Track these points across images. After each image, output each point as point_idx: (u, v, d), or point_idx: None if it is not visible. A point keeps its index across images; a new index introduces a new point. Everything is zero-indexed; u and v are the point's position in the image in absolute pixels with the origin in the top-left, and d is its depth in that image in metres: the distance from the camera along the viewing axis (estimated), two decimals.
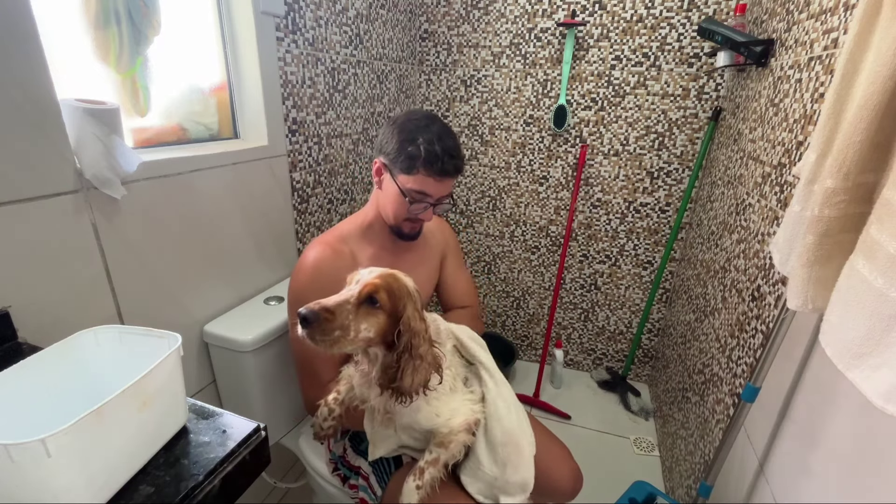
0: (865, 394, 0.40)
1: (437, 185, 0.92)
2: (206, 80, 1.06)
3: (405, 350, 0.70)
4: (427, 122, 0.92)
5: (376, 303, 0.69)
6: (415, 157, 0.89)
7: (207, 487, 0.47)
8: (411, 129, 0.91)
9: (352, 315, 0.68)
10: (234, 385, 1.06)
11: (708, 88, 1.61)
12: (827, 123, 0.50)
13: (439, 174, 0.90)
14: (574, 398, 1.98)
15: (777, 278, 0.88)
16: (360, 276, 0.72)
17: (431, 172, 0.90)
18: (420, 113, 0.95)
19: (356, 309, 0.68)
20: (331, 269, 0.92)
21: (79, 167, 0.72)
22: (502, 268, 2.12)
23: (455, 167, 0.92)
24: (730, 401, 1.04)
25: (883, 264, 0.39)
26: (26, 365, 0.50)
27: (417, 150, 0.89)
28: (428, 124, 0.91)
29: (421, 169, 0.90)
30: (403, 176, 0.92)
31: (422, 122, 0.92)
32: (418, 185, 0.91)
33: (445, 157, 0.89)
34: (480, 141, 1.94)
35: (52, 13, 0.73)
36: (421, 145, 0.89)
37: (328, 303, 0.66)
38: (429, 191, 0.92)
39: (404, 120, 0.93)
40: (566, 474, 0.98)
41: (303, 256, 0.94)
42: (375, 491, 0.92)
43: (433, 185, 0.92)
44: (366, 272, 0.72)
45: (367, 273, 0.72)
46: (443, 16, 1.83)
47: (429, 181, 0.91)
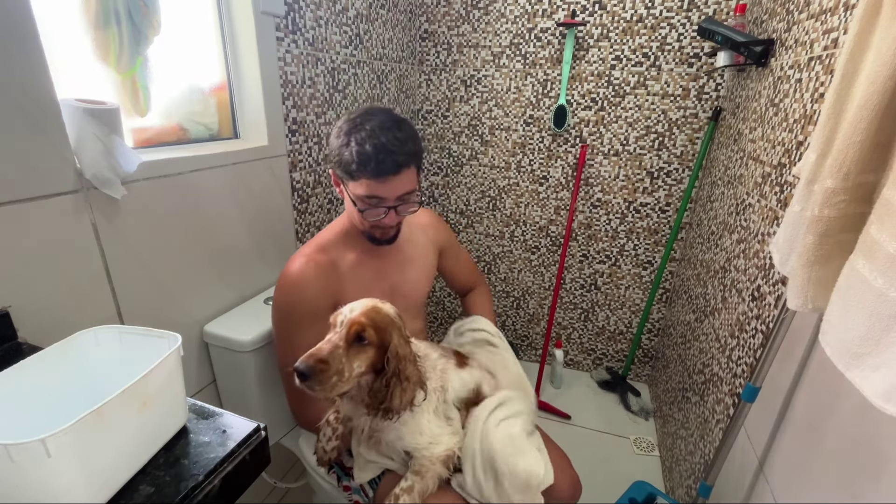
0: (865, 394, 0.40)
1: (382, 187, 0.83)
2: (206, 80, 1.07)
3: (394, 374, 0.73)
4: (364, 119, 0.83)
5: (364, 340, 0.71)
6: (349, 161, 0.82)
7: (207, 487, 0.47)
8: (347, 131, 0.83)
9: (344, 358, 0.69)
10: (234, 385, 1.06)
11: (708, 88, 1.61)
12: (827, 123, 0.50)
13: (377, 175, 0.82)
14: (574, 398, 1.98)
15: (777, 278, 0.88)
16: (344, 316, 0.72)
17: (369, 175, 0.82)
18: (361, 110, 0.87)
19: (347, 351, 0.70)
20: (312, 281, 0.90)
21: (79, 167, 0.73)
22: (502, 268, 2.12)
23: (395, 163, 0.82)
24: (730, 401, 1.04)
25: (883, 264, 0.39)
26: (26, 365, 0.50)
27: (351, 154, 0.81)
28: (364, 121, 0.83)
29: (358, 173, 0.82)
30: (352, 183, 0.85)
31: (358, 119, 0.84)
32: (366, 190, 0.84)
33: (380, 156, 0.80)
34: (480, 141, 1.94)
35: (52, 13, 0.73)
36: (353, 148, 0.81)
37: (321, 353, 0.68)
38: (379, 194, 0.84)
39: (343, 122, 0.86)
40: (565, 483, 0.95)
41: (284, 272, 0.91)
42: (367, 492, 0.92)
43: (379, 188, 0.83)
44: (347, 310, 0.73)
45: (349, 311, 0.72)
46: (443, 16, 1.83)
47: (372, 184, 0.83)
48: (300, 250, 0.95)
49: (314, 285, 0.90)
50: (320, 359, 0.67)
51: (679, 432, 1.44)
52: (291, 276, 0.90)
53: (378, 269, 1.01)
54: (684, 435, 1.37)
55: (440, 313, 2.34)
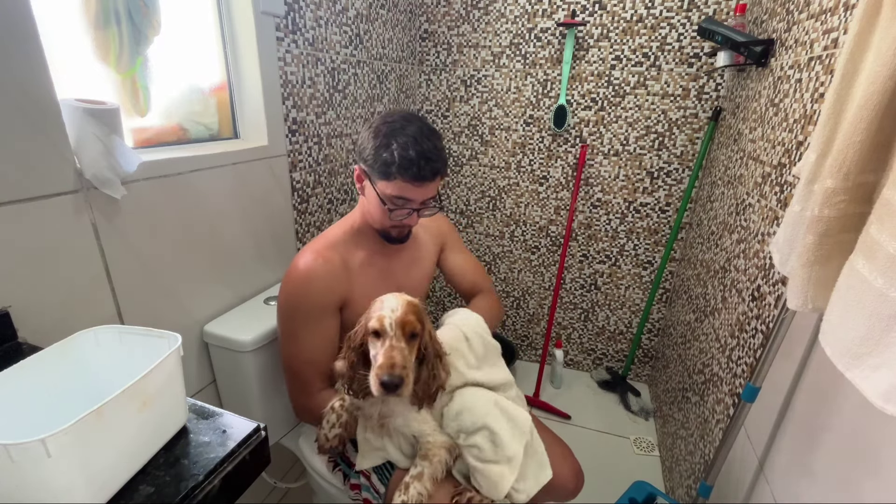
0: (865, 394, 0.40)
1: (416, 191, 0.88)
2: (206, 80, 1.06)
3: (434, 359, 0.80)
4: (403, 124, 0.87)
5: (416, 336, 0.77)
6: (390, 162, 0.85)
7: (207, 487, 0.47)
8: (386, 133, 0.86)
9: (410, 357, 0.75)
10: (234, 385, 1.06)
11: (708, 88, 1.61)
12: (827, 123, 0.50)
13: (416, 179, 0.86)
14: (574, 398, 1.98)
15: (777, 278, 0.88)
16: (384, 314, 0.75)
17: (408, 178, 0.85)
18: (397, 114, 0.90)
19: (411, 351, 0.76)
20: (321, 278, 0.90)
21: (79, 167, 0.72)
22: (502, 268, 2.12)
23: (433, 171, 0.87)
24: (730, 401, 1.04)
25: (883, 264, 0.39)
26: (26, 365, 0.50)
27: (392, 155, 0.84)
28: (404, 126, 0.87)
29: (398, 175, 0.85)
30: (382, 182, 0.88)
31: (397, 123, 0.87)
32: (397, 191, 0.87)
33: (421, 162, 0.85)
34: (480, 141, 1.94)
35: (52, 13, 0.73)
36: (395, 150, 0.84)
37: (399, 361, 0.72)
38: (409, 196, 0.88)
39: (380, 123, 0.88)
40: (567, 473, 0.98)
41: (292, 266, 0.92)
42: (378, 489, 0.92)
43: (412, 191, 0.87)
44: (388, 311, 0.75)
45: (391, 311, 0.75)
46: (443, 16, 1.83)
47: (407, 187, 0.87)
48: (309, 245, 0.95)
49: (323, 282, 0.90)
50: (403, 366, 0.73)
51: (679, 432, 1.44)
52: (300, 271, 0.90)
53: (385, 268, 1.02)
54: (684, 435, 1.37)
55: (440, 313, 2.34)
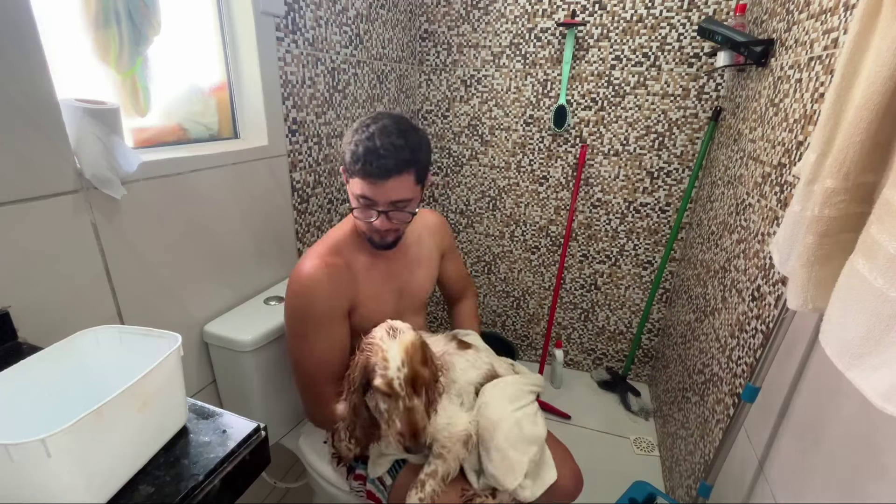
0: (865, 394, 0.40)
1: (375, 189, 0.84)
2: (206, 80, 1.06)
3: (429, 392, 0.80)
4: (371, 121, 0.85)
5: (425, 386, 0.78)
6: (351, 160, 0.84)
7: (207, 487, 0.47)
8: (355, 129, 0.85)
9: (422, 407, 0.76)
10: (234, 385, 1.06)
11: (708, 88, 1.61)
12: (827, 123, 0.50)
13: (368, 176, 0.83)
14: (574, 398, 1.98)
15: (777, 278, 0.88)
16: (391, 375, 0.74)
17: (362, 175, 0.83)
18: (374, 113, 0.88)
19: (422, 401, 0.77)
20: (326, 285, 0.89)
21: (79, 167, 0.72)
22: (502, 268, 2.12)
23: (382, 167, 0.81)
24: (730, 401, 1.04)
25: (883, 264, 0.39)
26: (26, 365, 0.50)
27: (356, 149, 0.83)
28: (370, 123, 0.84)
29: (358, 172, 0.83)
30: (351, 181, 0.88)
31: (367, 120, 0.86)
32: (359, 189, 0.85)
33: (370, 157, 0.81)
34: (480, 141, 1.94)
35: (52, 13, 0.73)
36: (359, 144, 0.82)
37: (419, 424, 0.74)
38: (369, 195, 0.85)
39: (357, 123, 0.88)
40: (566, 475, 0.98)
41: (296, 273, 0.90)
42: (385, 481, 0.92)
43: (371, 189, 0.84)
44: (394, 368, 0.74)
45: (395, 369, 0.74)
46: (443, 16, 1.83)
47: (364, 184, 0.84)
48: (312, 250, 0.94)
49: (327, 287, 0.89)
50: (424, 428, 0.75)
51: (679, 432, 1.44)
52: (304, 278, 0.89)
53: (388, 270, 1.02)
54: (684, 435, 1.37)
55: (440, 312, 2.34)
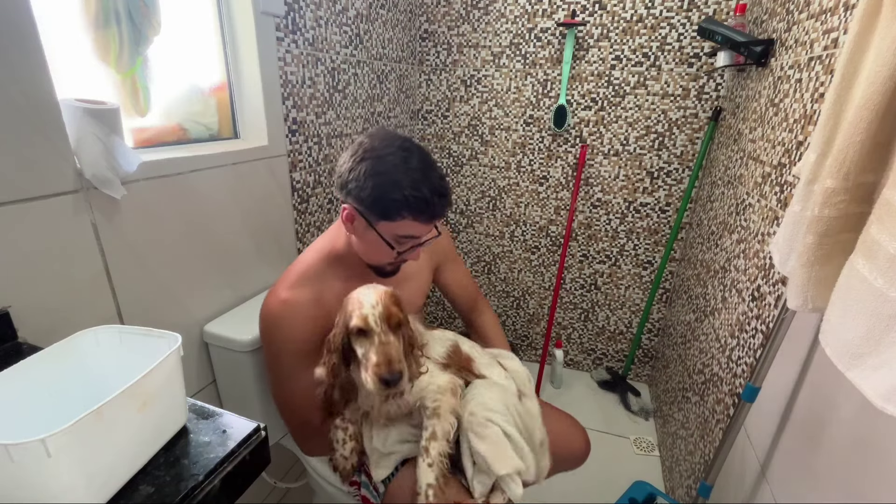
0: (865, 394, 0.40)
1: (424, 228, 0.83)
2: (206, 80, 1.06)
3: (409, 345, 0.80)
4: (405, 157, 0.78)
5: (400, 327, 0.77)
6: (400, 206, 0.77)
7: (207, 487, 0.47)
8: (388, 171, 0.77)
9: (400, 348, 0.76)
10: (234, 385, 1.06)
11: (708, 88, 1.61)
12: (827, 123, 0.50)
13: (431, 219, 0.81)
14: (574, 398, 1.98)
15: (777, 278, 0.88)
16: (366, 311, 0.74)
17: (422, 219, 0.80)
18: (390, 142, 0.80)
19: (398, 341, 0.76)
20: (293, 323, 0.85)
21: (79, 167, 0.72)
22: (502, 268, 2.12)
23: (446, 205, 0.81)
24: (730, 401, 1.04)
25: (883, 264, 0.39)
26: (26, 365, 0.50)
27: (402, 197, 0.76)
28: (406, 158, 0.78)
29: (408, 215, 0.79)
30: (384, 223, 0.80)
31: (397, 157, 0.78)
32: (404, 230, 0.81)
33: (436, 199, 0.78)
34: (480, 141, 1.94)
35: (52, 13, 0.73)
36: (406, 190, 0.76)
37: (393, 355, 0.73)
38: (417, 234, 0.83)
39: (375, 157, 0.78)
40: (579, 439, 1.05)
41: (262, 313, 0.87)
42: (378, 488, 0.92)
43: (422, 228, 0.82)
44: (368, 306, 0.74)
45: (371, 307, 0.74)
46: (443, 16, 1.83)
47: (416, 226, 0.81)
48: (276, 286, 0.88)
49: (295, 326, 0.85)
50: (399, 360, 0.74)
51: (679, 432, 1.44)
52: (270, 318, 0.86)
53: None
54: (684, 435, 1.37)
55: (440, 313, 2.34)
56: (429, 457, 0.79)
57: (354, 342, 0.76)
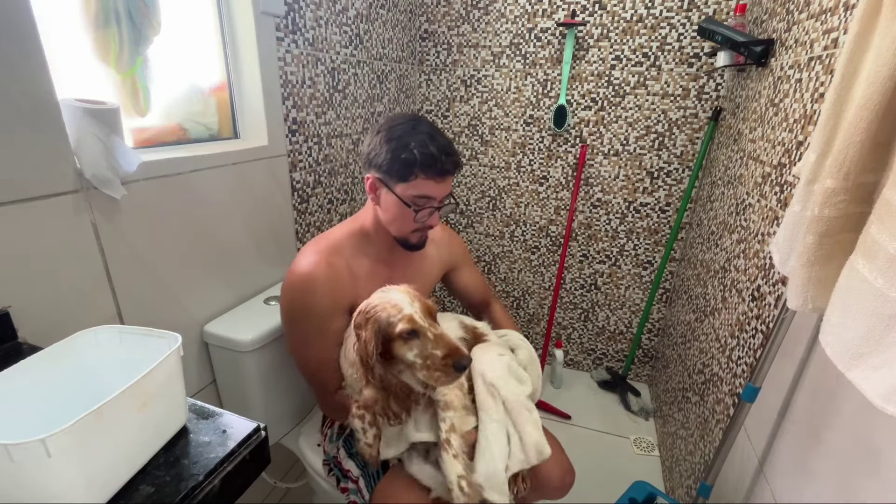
0: (865, 394, 0.40)
1: (438, 187, 0.88)
2: (206, 80, 1.06)
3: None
4: (413, 124, 0.88)
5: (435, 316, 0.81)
6: (411, 163, 0.85)
7: (207, 487, 0.47)
8: (400, 136, 0.86)
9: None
10: (234, 385, 1.06)
11: (708, 88, 1.61)
12: (827, 123, 0.50)
13: (440, 175, 0.87)
14: (574, 398, 1.98)
15: (777, 278, 0.88)
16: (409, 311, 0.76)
17: (431, 174, 0.86)
18: (403, 116, 0.90)
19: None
20: (326, 283, 0.88)
21: (79, 167, 0.72)
22: (502, 268, 2.12)
23: (454, 164, 0.89)
24: (730, 401, 1.04)
25: (883, 264, 0.39)
26: (26, 365, 0.50)
27: (412, 154, 0.84)
28: (415, 125, 0.88)
29: (419, 173, 0.86)
30: (402, 185, 0.87)
31: (408, 125, 0.88)
32: (419, 190, 0.87)
33: (443, 156, 0.86)
34: (480, 141, 1.94)
35: (52, 13, 0.73)
36: (415, 149, 0.85)
37: (453, 342, 0.76)
38: (431, 193, 0.88)
39: (389, 127, 0.88)
40: (554, 469, 0.95)
41: (294, 269, 0.89)
42: (364, 495, 0.92)
43: (434, 188, 0.88)
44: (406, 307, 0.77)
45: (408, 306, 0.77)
46: (443, 16, 1.83)
47: (429, 184, 0.87)
48: (310, 246, 0.93)
49: (328, 286, 0.88)
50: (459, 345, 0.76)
51: (679, 432, 1.44)
52: (303, 274, 0.88)
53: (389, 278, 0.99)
54: (684, 435, 1.37)
55: None
56: (452, 448, 0.80)
57: (401, 347, 0.76)
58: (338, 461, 0.99)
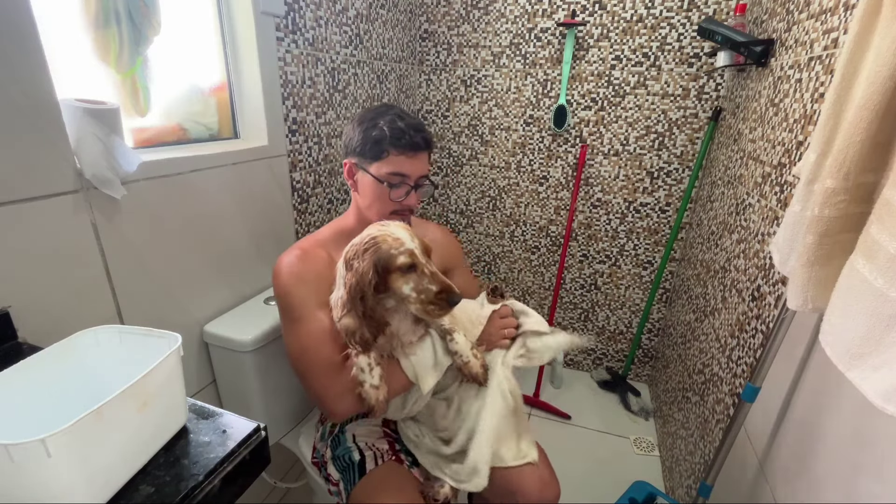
0: (865, 394, 0.40)
1: (410, 163, 0.90)
2: (206, 80, 1.06)
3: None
4: (384, 108, 0.92)
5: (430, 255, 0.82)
6: (380, 139, 0.88)
7: (207, 487, 0.47)
8: (371, 118, 0.90)
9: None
10: (234, 385, 1.06)
11: (708, 88, 1.61)
12: (827, 123, 0.50)
13: (409, 149, 0.89)
14: (574, 398, 1.98)
15: (777, 278, 0.88)
16: (410, 246, 0.76)
17: (401, 149, 0.88)
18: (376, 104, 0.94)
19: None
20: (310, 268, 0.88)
21: (79, 167, 0.72)
22: (502, 268, 2.12)
23: (424, 140, 0.90)
24: (730, 401, 1.04)
25: (883, 264, 0.39)
26: (26, 365, 0.50)
27: (381, 131, 0.88)
28: (385, 109, 0.92)
29: (390, 149, 0.88)
30: (375, 165, 0.90)
31: (379, 109, 0.92)
32: (392, 166, 0.89)
33: (411, 131, 0.88)
34: (480, 141, 1.94)
35: (52, 13, 0.73)
36: (384, 126, 0.88)
37: (447, 281, 0.76)
38: (404, 170, 0.90)
39: (362, 114, 0.93)
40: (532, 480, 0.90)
41: (278, 262, 0.90)
42: (343, 497, 0.93)
43: (407, 164, 0.90)
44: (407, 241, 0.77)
45: (409, 241, 0.77)
46: (443, 16, 1.83)
47: (401, 160, 0.89)
48: (296, 244, 0.95)
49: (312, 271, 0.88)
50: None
51: (679, 432, 1.44)
52: (287, 262, 0.89)
53: None
54: (684, 435, 1.37)
55: None
56: (473, 359, 0.87)
57: (397, 280, 0.76)
58: (324, 462, 1.00)
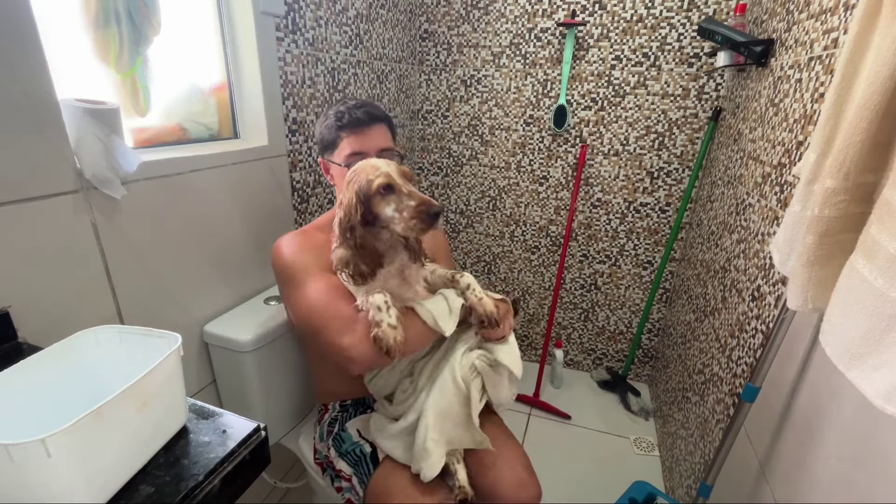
0: (865, 394, 0.40)
1: (363, 140, 0.94)
2: (206, 80, 1.06)
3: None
4: (341, 102, 0.98)
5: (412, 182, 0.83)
6: (331, 127, 0.95)
7: (207, 487, 0.47)
8: (325, 114, 0.98)
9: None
10: (234, 385, 1.06)
11: (708, 88, 1.61)
12: (827, 123, 0.50)
13: (356, 125, 0.93)
14: (574, 398, 1.98)
15: (777, 278, 0.88)
16: (387, 170, 0.77)
17: (349, 129, 0.93)
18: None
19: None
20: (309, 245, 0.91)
21: (79, 167, 0.72)
22: (502, 268, 2.12)
23: (367, 114, 0.94)
24: (730, 401, 1.04)
25: (883, 264, 0.39)
26: (26, 365, 0.50)
27: (330, 121, 0.95)
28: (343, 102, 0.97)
29: (341, 133, 0.94)
30: (336, 153, 0.95)
31: (337, 104, 0.98)
32: (348, 148, 0.94)
33: (353, 111, 0.93)
34: (480, 141, 1.94)
35: (52, 13, 0.73)
36: (331, 115, 0.95)
37: (425, 196, 0.77)
38: (358, 148, 0.93)
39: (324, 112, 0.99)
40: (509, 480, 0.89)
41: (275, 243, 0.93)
42: (358, 491, 0.93)
43: (358, 141, 0.94)
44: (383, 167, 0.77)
45: (385, 167, 0.78)
46: (443, 16, 1.83)
47: (352, 139, 0.93)
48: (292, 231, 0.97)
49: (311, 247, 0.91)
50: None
51: (679, 432, 1.44)
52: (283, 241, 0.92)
53: None
54: (684, 435, 1.37)
55: None
56: (484, 299, 0.92)
57: (379, 203, 0.77)
58: (329, 461, 0.99)
